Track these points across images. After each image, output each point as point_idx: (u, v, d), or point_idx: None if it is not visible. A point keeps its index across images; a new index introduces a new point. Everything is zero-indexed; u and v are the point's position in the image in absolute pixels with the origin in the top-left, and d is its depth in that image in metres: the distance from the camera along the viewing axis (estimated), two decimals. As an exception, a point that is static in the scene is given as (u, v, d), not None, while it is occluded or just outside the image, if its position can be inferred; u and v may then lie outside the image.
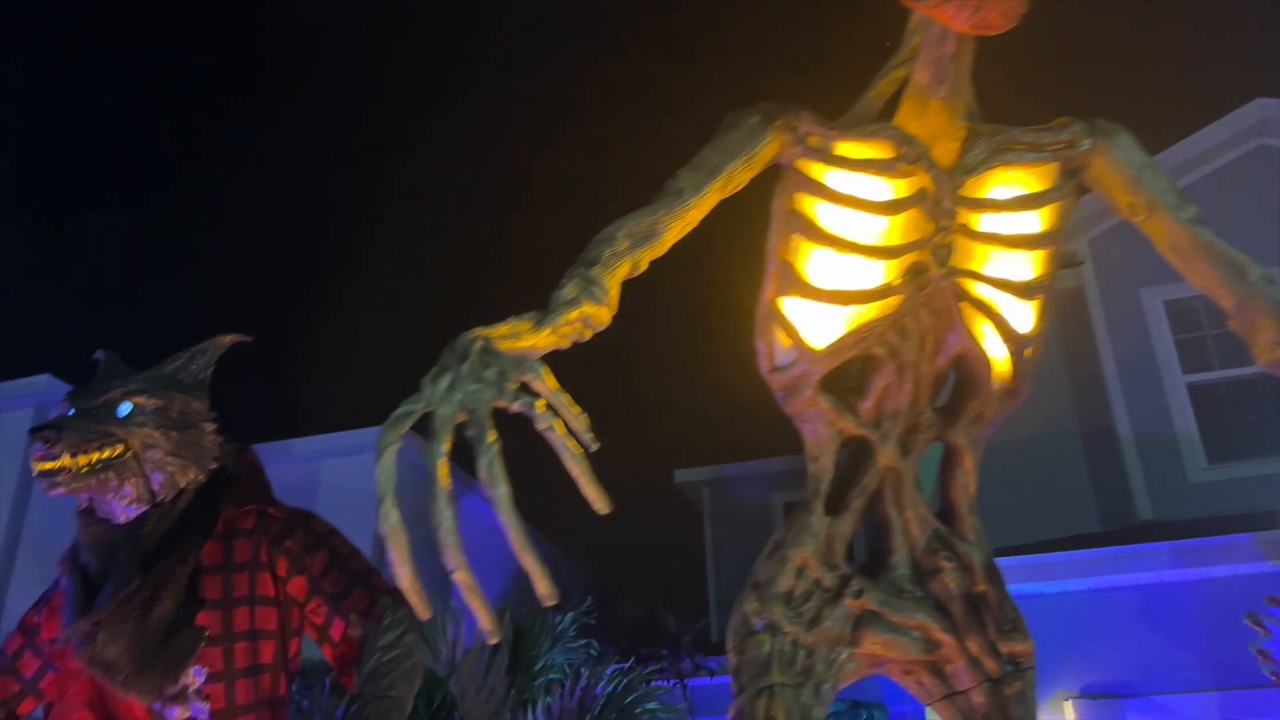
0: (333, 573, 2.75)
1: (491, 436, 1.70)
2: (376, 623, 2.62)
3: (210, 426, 2.90)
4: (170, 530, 2.77)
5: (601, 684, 5.95)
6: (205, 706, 2.73)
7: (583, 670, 6.58)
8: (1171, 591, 7.06)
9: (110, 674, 2.67)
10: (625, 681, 6.34)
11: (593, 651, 6.93)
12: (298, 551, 2.78)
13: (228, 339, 2.99)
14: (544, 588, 1.64)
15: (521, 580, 2.51)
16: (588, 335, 2.23)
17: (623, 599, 8.06)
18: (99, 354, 3.01)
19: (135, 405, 2.76)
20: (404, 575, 1.61)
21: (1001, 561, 2.60)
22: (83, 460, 2.68)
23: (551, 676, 6.30)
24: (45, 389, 10.40)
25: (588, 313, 2.16)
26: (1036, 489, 8.52)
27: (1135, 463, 8.68)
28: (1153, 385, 8.92)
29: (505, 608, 6.47)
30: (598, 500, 1.78)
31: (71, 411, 2.76)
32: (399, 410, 1.75)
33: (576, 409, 1.85)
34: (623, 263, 2.21)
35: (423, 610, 1.68)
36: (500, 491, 1.65)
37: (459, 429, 1.73)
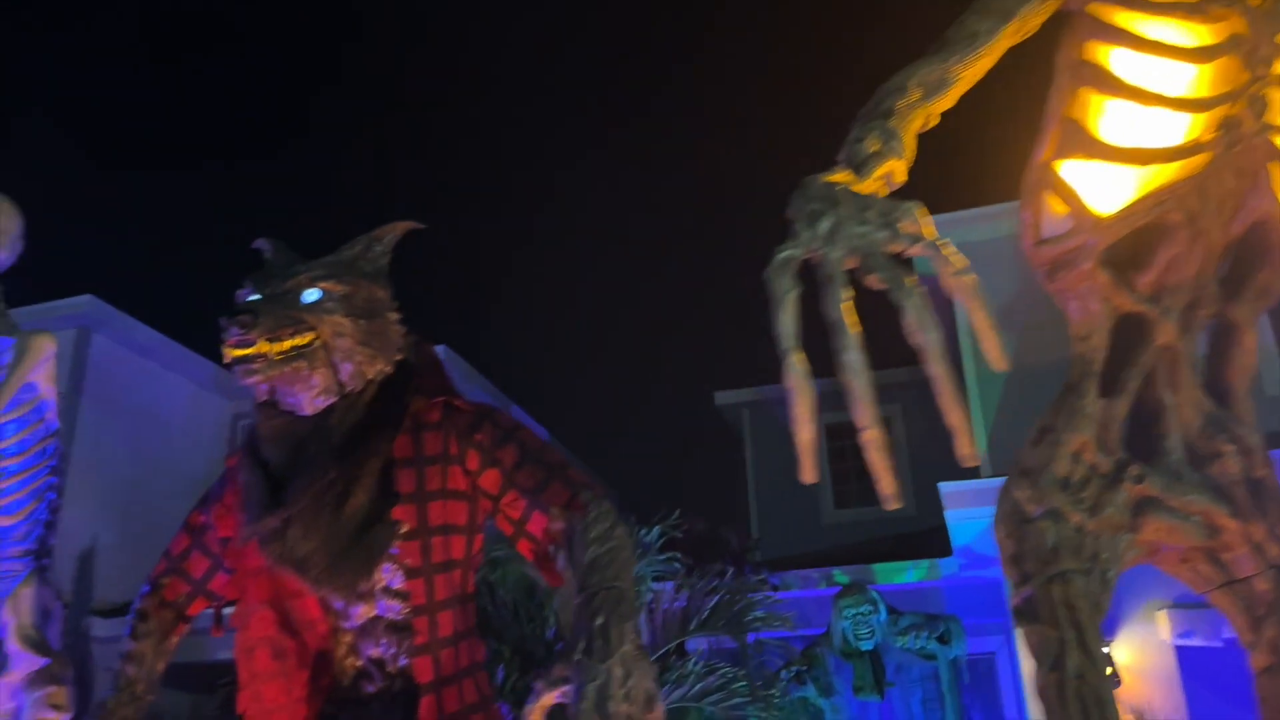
0: (527, 465, 2.60)
1: (909, 280, 1.52)
2: (581, 514, 2.47)
3: (394, 316, 2.72)
4: (358, 423, 2.61)
5: (700, 594, 5.90)
6: (394, 605, 2.60)
7: (666, 585, 6.51)
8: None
9: (302, 571, 2.53)
10: (725, 592, 6.29)
11: (677, 564, 6.85)
12: (488, 445, 2.63)
13: (403, 225, 2.78)
14: (966, 447, 1.49)
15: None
16: (884, 194, 2.05)
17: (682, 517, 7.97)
18: (262, 242, 2.80)
19: (324, 291, 2.57)
20: (805, 432, 1.45)
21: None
22: (277, 347, 2.50)
23: (637, 589, 6.25)
24: (88, 310, 10.16)
25: (891, 168, 1.97)
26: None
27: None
28: None
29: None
30: (996, 354, 1.60)
31: (255, 297, 2.57)
32: (780, 255, 1.57)
33: (959, 258, 1.68)
34: (916, 114, 2.02)
35: (810, 473, 1.52)
36: (931, 337, 1.48)
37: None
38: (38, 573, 3.42)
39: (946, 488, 7.47)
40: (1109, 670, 6.63)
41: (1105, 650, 6.70)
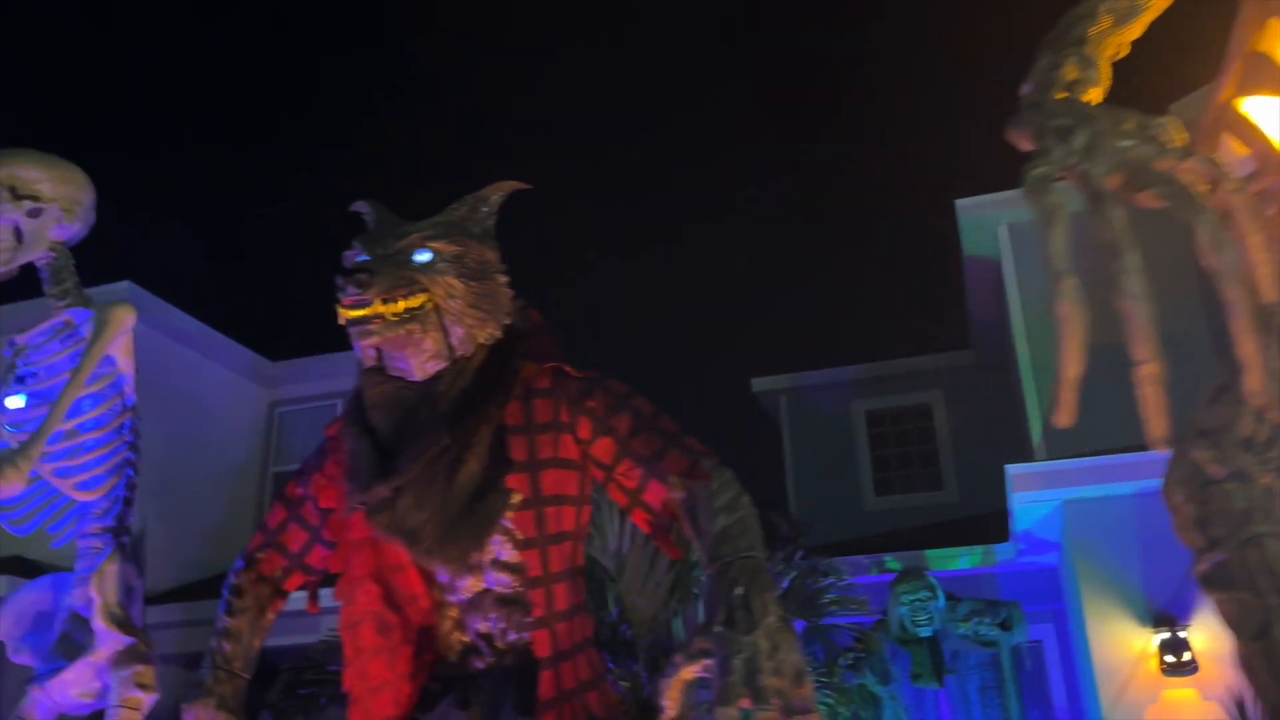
0: (642, 433, 2.49)
1: (1199, 192, 1.41)
2: (704, 483, 2.36)
3: (503, 279, 2.61)
4: (468, 389, 2.51)
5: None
6: (503, 578, 2.51)
7: None
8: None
9: (412, 542, 2.43)
10: (797, 575, 6.19)
11: None
12: (601, 412, 2.52)
13: (509, 184, 2.67)
14: (1255, 383, 1.38)
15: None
16: None
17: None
18: (361, 205, 2.70)
19: (435, 252, 2.47)
20: (1073, 367, 1.36)
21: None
22: (392, 308, 2.41)
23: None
24: (127, 296, 10.09)
25: (1091, 97, 1.85)
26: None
27: None
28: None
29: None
30: (1268, 284, 1.48)
31: (364, 258, 2.47)
32: (1035, 173, 1.47)
33: (1235, 175, 1.57)
34: (1109, 41, 1.89)
35: (1066, 415, 1.42)
36: (1229, 258, 1.37)
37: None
38: (119, 550, 3.34)
39: (1014, 469, 7.32)
40: (1187, 656, 6.49)
41: (1183, 635, 6.58)
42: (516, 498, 2.45)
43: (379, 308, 2.36)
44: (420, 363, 2.48)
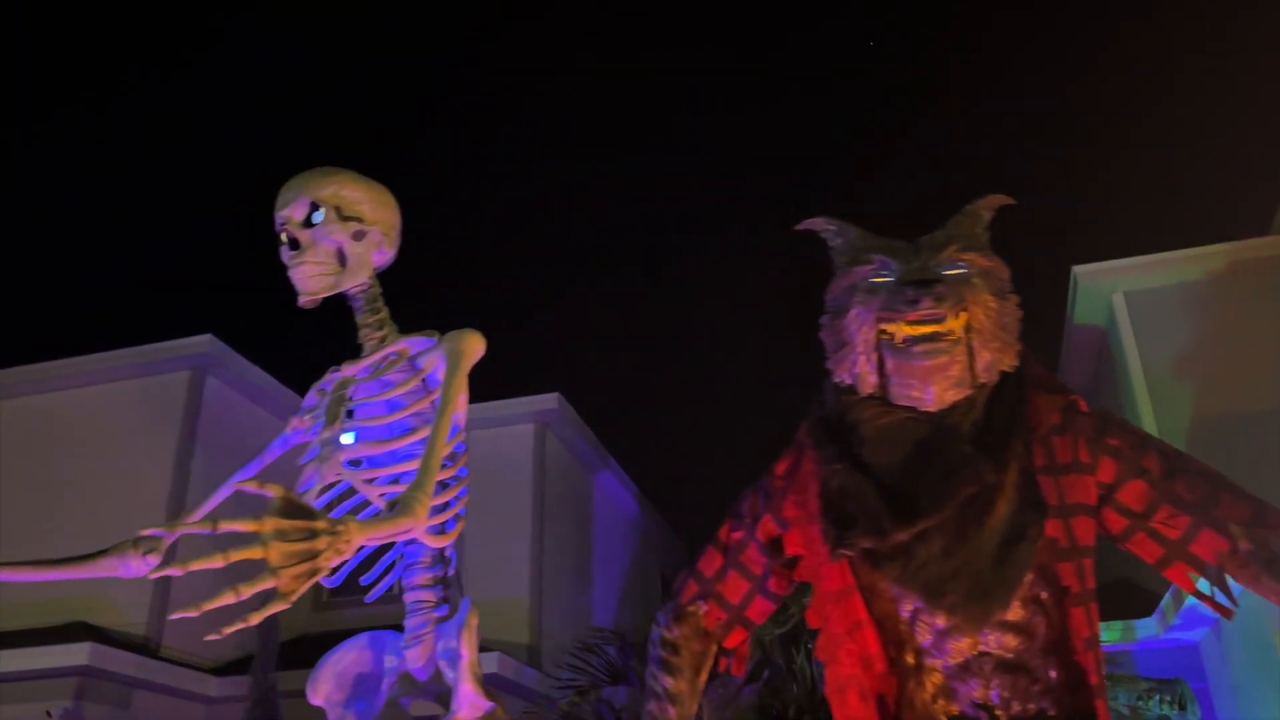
0: (1181, 475, 2.24)
1: None
2: (1278, 532, 2.12)
3: (1016, 298, 2.37)
4: (986, 422, 2.25)
5: None
6: (1006, 639, 2.21)
7: None
8: None
9: (935, 595, 2.15)
10: None
11: None
12: (1127, 452, 2.27)
13: (998, 199, 2.46)
14: None
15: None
16: None
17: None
18: (820, 222, 2.46)
19: (969, 265, 2.24)
20: None
21: None
22: (958, 324, 2.17)
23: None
24: (208, 350, 9.75)
25: None
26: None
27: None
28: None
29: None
30: None
31: (893, 266, 2.24)
32: None
33: None
34: None
35: None
36: None
37: None
38: (446, 603, 3.02)
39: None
40: None
41: None
42: (1059, 545, 2.19)
43: (951, 324, 2.13)
44: (941, 390, 2.23)
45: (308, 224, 3.05)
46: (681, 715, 2.40)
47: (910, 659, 2.25)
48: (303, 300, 3.07)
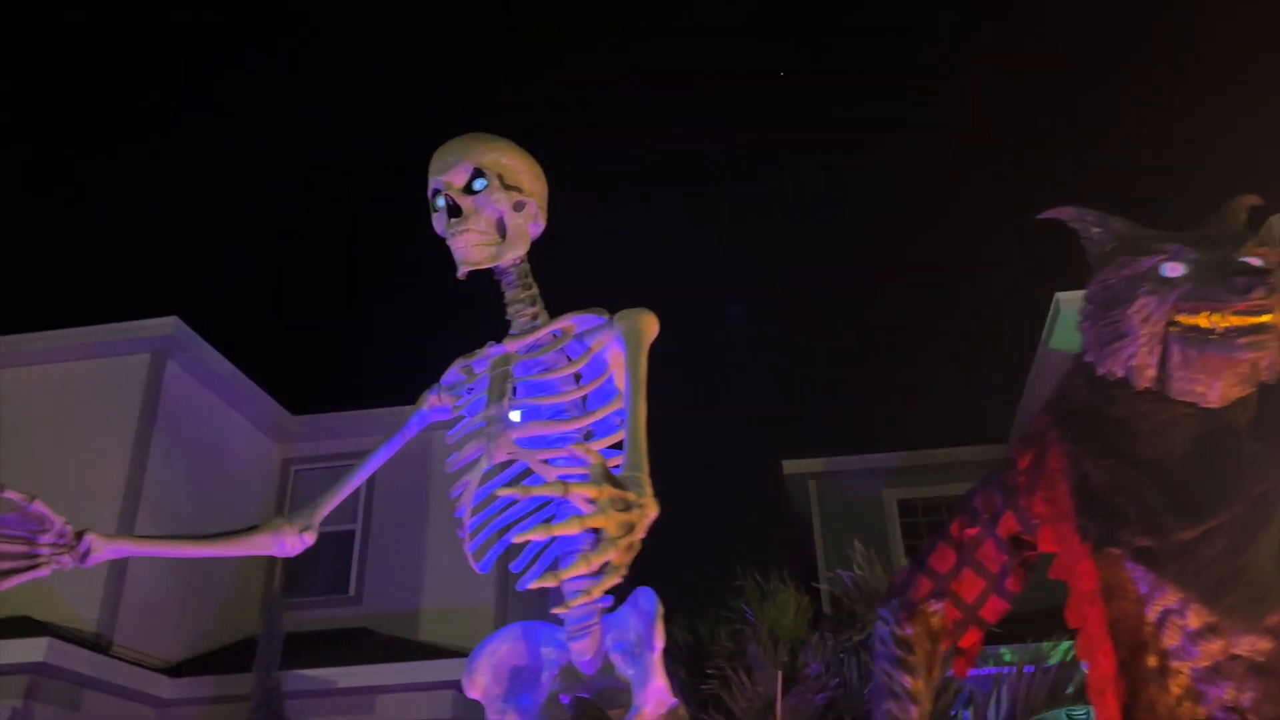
0: None
1: None
2: None
3: None
4: (1256, 420, 2.25)
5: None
6: (1260, 640, 2.21)
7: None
8: None
9: (1214, 596, 2.12)
10: None
11: None
12: None
13: (1250, 199, 2.46)
14: None
15: None
16: None
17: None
18: (1067, 211, 2.43)
19: (1266, 261, 2.23)
20: None
21: None
22: (1276, 318, 2.15)
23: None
24: (173, 333, 9.26)
25: None
26: None
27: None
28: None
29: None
30: None
31: (1191, 258, 2.20)
32: None
33: None
34: None
35: None
36: None
37: None
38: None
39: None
40: None
41: None
42: None
43: (1274, 316, 2.10)
44: (1228, 386, 2.20)
45: (468, 190, 2.88)
46: (921, 715, 2.31)
47: (1153, 661, 2.21)
48: (462, 270, 2.90)
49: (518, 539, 2.19)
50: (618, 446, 2.77)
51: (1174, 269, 2.18)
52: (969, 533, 2.43)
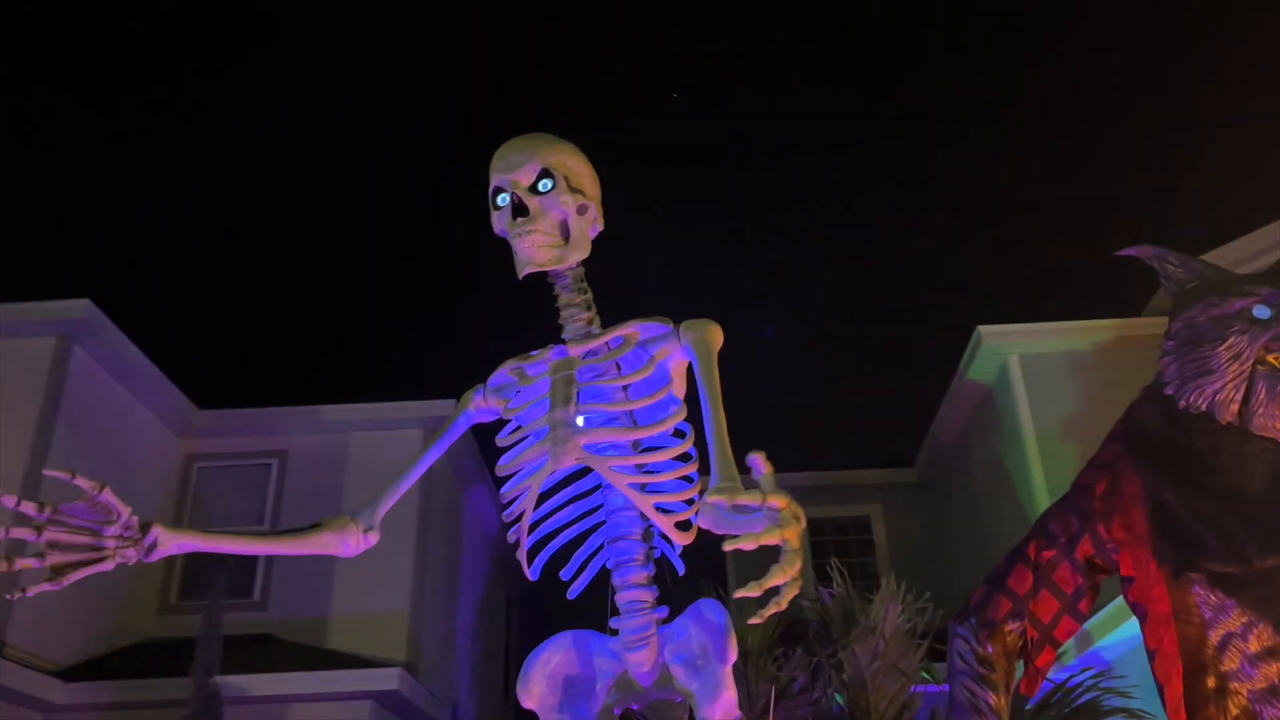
0: None
1: None
2: None
3: None
4: None
5: None
6: None
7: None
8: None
9: None
10: None
11: None
12: None
13: None
14: None
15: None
16: None
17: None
18: (1146, 249, 2.57)
19: None
20: None
21: None
22: None
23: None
24: (84, 316, 8.73)
25: None
26: None
27: None
28: None
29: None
30: None
31: (1277, 303, 2.34)
32: None
33: None
34: None
35: None
36: None
37: None
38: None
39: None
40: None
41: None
42: None
43: None
44: None
45: (534, 190, 2.85)
46: None
47: (1211, 683, 2.33)
48: (525, 271, 2.86)
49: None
50: (682, 459, 2.78)
51: (1264, 311, 2.32)
52: (1046, 555, 2.52)
